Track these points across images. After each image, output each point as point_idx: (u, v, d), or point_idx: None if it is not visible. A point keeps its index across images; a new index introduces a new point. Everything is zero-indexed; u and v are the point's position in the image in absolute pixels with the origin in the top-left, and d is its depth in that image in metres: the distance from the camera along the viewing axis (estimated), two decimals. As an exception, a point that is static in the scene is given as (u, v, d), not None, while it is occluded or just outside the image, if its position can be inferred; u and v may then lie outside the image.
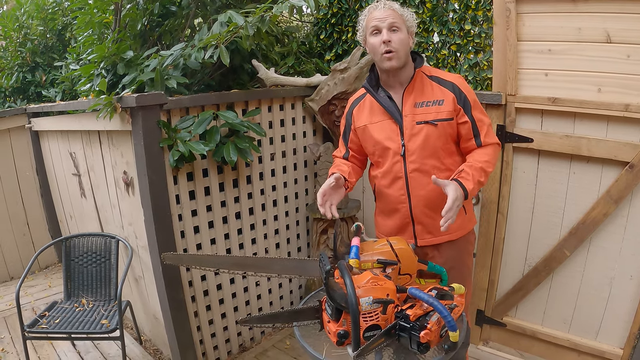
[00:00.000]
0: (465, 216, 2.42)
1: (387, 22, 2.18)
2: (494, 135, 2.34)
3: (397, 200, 2.37)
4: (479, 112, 2.31)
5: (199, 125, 2.94)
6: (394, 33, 2.19)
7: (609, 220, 2.82)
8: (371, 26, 2.23)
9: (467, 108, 2.27)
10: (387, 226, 2.49)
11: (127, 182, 3.19)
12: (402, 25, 2.21)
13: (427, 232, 2.38)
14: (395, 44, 2.18)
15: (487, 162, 2.23)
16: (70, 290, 3.63)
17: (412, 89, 2.29)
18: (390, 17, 2.19)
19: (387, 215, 2.48)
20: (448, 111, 2.24)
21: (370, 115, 2.38)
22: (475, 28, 3.19)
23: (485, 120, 2.31)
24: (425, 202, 2.31)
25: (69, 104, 3.83)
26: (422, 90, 2.28)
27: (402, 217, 2.38)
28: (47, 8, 5.38)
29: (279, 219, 3.81)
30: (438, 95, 2.26)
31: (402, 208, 2.37)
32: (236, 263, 2.19)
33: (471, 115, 2.27)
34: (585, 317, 3.04)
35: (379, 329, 1.64)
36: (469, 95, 2.28)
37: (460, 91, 2.26)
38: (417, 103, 2.27)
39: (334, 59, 4.09)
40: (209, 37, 2.95)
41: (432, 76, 2.32)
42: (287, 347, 3.67)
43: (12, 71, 5.51)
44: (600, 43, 2.63)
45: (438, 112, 2.24)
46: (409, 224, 2.39)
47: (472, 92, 2.31)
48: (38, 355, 3.66)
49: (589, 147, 2.76)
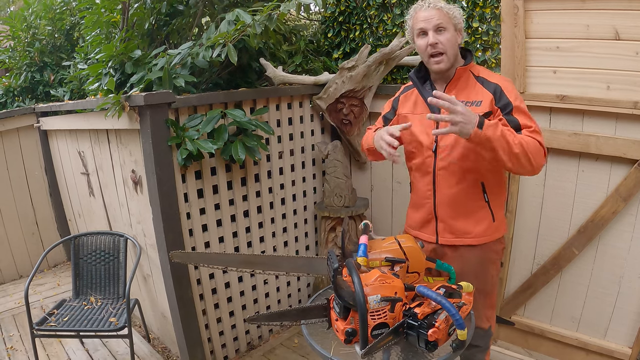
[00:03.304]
0: (494, 223, 2.33)
1: (432, 23, 2.13)
2: (540, 135, 2.10)
3: (424, 195, 2.38)
4: (522, 115, 2.13)
5: (207, 123, 2.94)
6: (441, 34, 2.14)
7: (618, 219, 2.80)
8: (417, 28, 2.18)
9: (508, 110, 2.12)
10: (414, 219, 2.50)
11: (136, 180, 3.20)
12: (448, 24, 2.15)
13: (449, 232, 2.36)
14: (443, 46, 2.14)
15: (526, 141, 2.01)
16: (79, 288, 3.65)
17: (455, 87, 2.24)
18: (436, 18, 2.13)
19: (416, 209, 2.48)
20: (484, 112, 2.13)
21: (414, 106, 2.38)
22: (483, 26, 3.19)
23: (530, 122, 2.11)
24: (449, 201, 2.30)
25: (77, 103, 3.84)
26: (465, 89, 2.22)
27: (427, 212, 2.39)
28: (55, 8, 5.39)
29: (287, 217, 3.81)
30: (478, 96, 2.19)
31: (427, 203, 2.37)
32: (244, 261, 2.20)
33: (512, 116, 2.11)
34: (593, 316, 3.03)
35: (386, 327, 1.64)
36: (511, 98, 2.13)
37: (501, 93, 2.15)
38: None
39: (342, 57, 4.08)
40: (216, 36, 2.95)
41: (478, 77, 2.24)
42: (295, 345, 3.67)
43: (21, 71, 5.54)
44: (609, 40, 2.61)
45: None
46: (432, 220, 2.39)
47: (519, 97, 2.17)
48: (47, 353, 3.68)
49: (597, 144, 2.75)
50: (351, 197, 3.74)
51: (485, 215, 2.31)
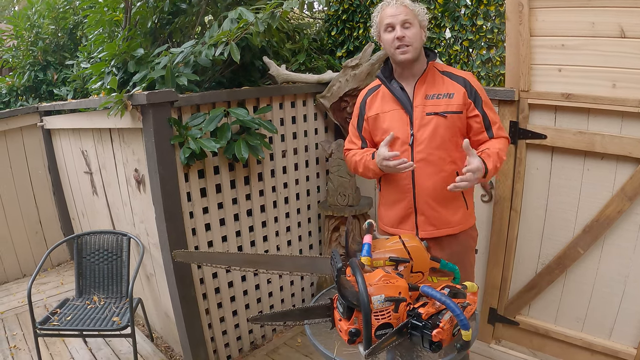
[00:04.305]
0: (467, 211, 2.48)
1: (399, 19, 2.26)
2: (504, 130, 2.44)
3: (402, 190, 2.41)
4: (490, 109, 2.38)
5: (210, 122, 2.94)
6: (407, 29, 2.27)
7: (624, 218, 2.78)
8: (385, 23, 2.31)
9: (478, 103, 2.34)
10: (390, 217, 2.53)
11: (139, 179, 3.19)
12: (414, 21, 2.28)
13: (429, 224, 2.42)
14: (409, 39, 2.26)
15: (501, 150, 2.32)
16: (82, 287, 3.65)
17: (424, 81, 2.35)
18: (403, 14, 2.27)
19: (391, 206, 2.51)
20: (458, 104, 2.31)
21: (382, 104, 2.45)
22: (488, 23, 3.17)
23: (496, 117, 2.40)
24: (429, 193, 2.36)
25: (80, 102, 3.84)
26: (434, 83, 2.35)
27: (406, 207, 2.42)
28: (58, 7, 5.40)
29: (290, 217, 3.80)
30: (449, 89, 2.33)
31: (406, 197, 2.41)
32: (247, 260, 2.19)
33: (482, 109, 2.35)
34: (598, 316, 3.01)
35: (390, 328, 1.63)
36: (480, 92, 2.36)
37: (471, 86, 2.34)
38: (428, 95, 2.33)
39: (345, 55, 4.07)
40: (219, 34, 2.94)
41: (444, 71, 2.39)
42: (299, 345, 3.67)
43: (24, 70, 5.54)
44: (615, 38, 2.59)
45: (448, 104, 2.31)
46: (412, 214, 2.43)
47: (483, 90, 2.39)
48: (50, 352, 3.68)
49: (603, 143, 2.73)
50: (355, 196, 3.72)
51: (460, 204, 2.42)
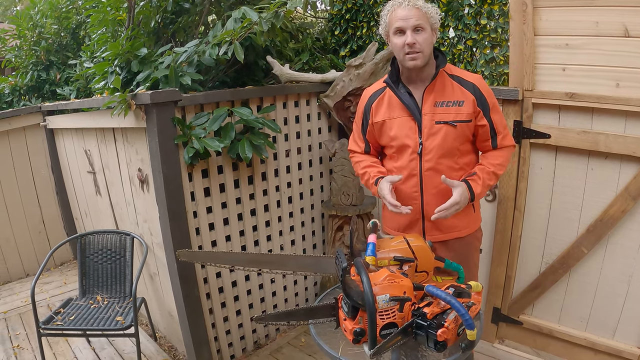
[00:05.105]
0: (474, 214, 2.46)
1: (411, 24, 2.15)
2: (510, 137, 2.39)
3: (410, 197, 2.38)
4: (497, 114, 2.33)
5: (214, 121, 2.93)
6: (418, 34, 2.16)
7: (627, 217, 2.78)
8: (395, 27, 2.19)
9: (486, 111, 2.28)
10: (396, 221, 2.50)
11: (142, 179, 3.19)
12: (426, 25, 2.17)
13: (436, 229, 2.40)
14: (420, 46, 2.17)
15: (499, 165, 2.32)
16: (85, 287, 3.65)
17: (433, 88, 2.27)
18: (415, 18, 2.15)
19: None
20: (467, 113, 2.25)
21: (388, 110, 2.37)
22: (492, 23, 3.16)
23: (502, 123, 2.35)
24: (437, 200, 2.30)
25: (83, 102, 3.85)
26: (443, 90, 2.27)
27: (414, 213, 2.37)
28: (61, 7, 5.41)
29: (294, 216, 3.80)
30: (459, 96, 2.26)
31: (414, 204, 2.36)
32: (251, 260, 2.20)
33: (490, 117, 2.29)
34: (602, 315, 3.00)
35: (395, 327, 1.63)
36: (489, 98, 2.29)
37: (480, 93, 2.26)
38: (438, 102, 2.26)
39: (349, 54, 4.07)
40: (223, 34, 2.94)
41: (453, 75, 2.30)
42: (303, 345, 3.67)
43: (27, 70, 5.55)
44: (619, 37, 2.58)
45: (458, 113, 2.25)
46: (419, 220, 2.41)
47: (492, 93, 2.33)
48: (53, 351, 3.69)
49: (607, 143, 2.72)
50: (359, 196, 3.72)
51: (467, 209, 2.36)
